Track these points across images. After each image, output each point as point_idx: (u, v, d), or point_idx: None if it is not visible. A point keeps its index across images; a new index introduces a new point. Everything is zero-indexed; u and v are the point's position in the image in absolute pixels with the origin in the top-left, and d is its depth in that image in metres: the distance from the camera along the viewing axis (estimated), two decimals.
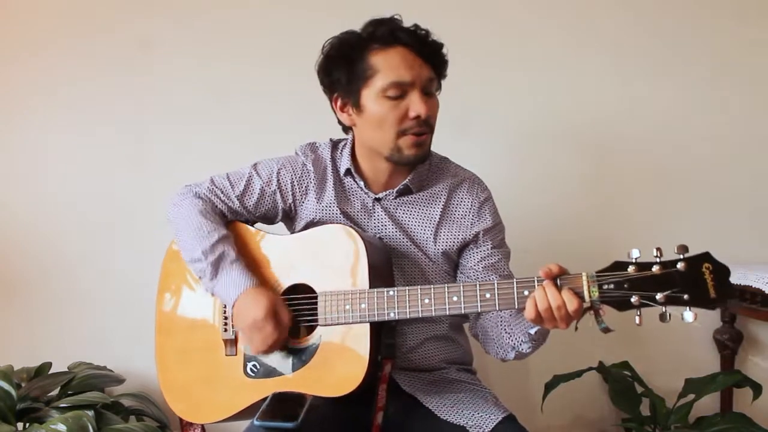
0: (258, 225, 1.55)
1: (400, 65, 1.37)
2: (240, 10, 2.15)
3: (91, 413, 1.69)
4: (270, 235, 1.49)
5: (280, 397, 1.34)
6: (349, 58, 1.41)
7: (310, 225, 1.50)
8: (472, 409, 1.39)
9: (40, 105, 2.15)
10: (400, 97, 1.38)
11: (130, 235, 2.13)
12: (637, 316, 1.15)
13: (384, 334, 1.35)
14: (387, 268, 1.42)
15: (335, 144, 1.56)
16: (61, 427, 1.58)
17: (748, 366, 2.16)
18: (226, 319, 1.44)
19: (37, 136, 2.15)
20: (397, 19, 1.42)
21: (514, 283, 1.23)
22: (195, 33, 2.15)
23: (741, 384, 1.97)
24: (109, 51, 2.14)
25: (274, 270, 1.44)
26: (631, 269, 1.14)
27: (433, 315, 1.29)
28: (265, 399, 1.34)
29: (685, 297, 1.11)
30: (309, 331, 1.38)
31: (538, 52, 2.17)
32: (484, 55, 2.15)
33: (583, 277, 1.17)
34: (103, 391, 1.93)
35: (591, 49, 2.18)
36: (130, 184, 2.14)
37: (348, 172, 1.50)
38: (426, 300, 1.28)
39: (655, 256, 1.13)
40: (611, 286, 1.15)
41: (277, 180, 1.51)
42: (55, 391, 1.88)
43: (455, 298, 1.26)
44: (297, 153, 1.55)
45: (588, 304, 1.17)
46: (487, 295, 1.24)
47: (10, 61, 2.14)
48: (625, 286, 1.14)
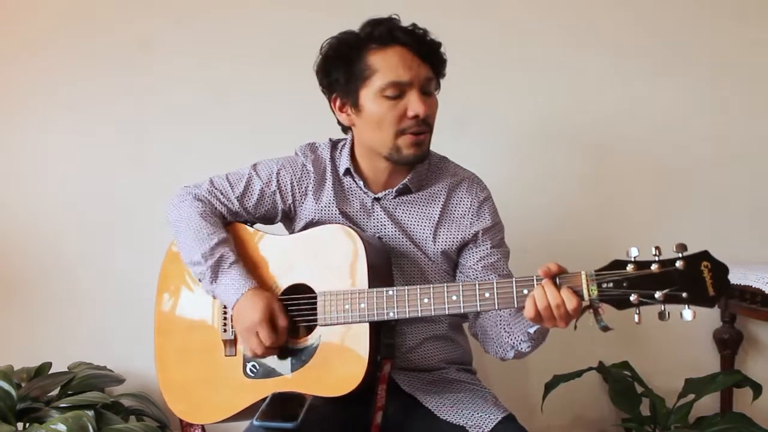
0: (257, 225, 1.55)
1: (399, 65, 1.37)
2: (240, 10, 2.15)
3: (91, 413, 1.69)
4: (269, 236, 1.49)
5: (279, 398, 1.34)
6: (348, 59, 1.41)
7: (309, 225, 1.49)
8: (472, 409, 1.39)
9: (40, 105, 2.15)
10: (398, 96, 1.38)
11: (130, 235, 2.13)
12: (636, 314, 1.15)
13: (383, 334, 1.35)
14: (386, 268, 1.42)
15: (334, 144, 1.56)
16: (61, 427, 1.58)
17: (748, 366, 2.15)
18: (226, 319, 1.44)
19: (37, 136, 2.15)
20: (395, 18, 1.42)
21: (513, 282, 1.23)
22: (195, 33, 2.14)
23: (741, 384, 1.97)
24: (109, 51, 2.14)
25: (273, 270, 1.44)
26: (629, 268, 1.14)
27: (433, 314, 1.29)
28: (265, 399, 1.34)
29: (684, 295, 1.12)
30: (308, 331, 1.38)
31: (538, 52, 2.17)
32: (484, 55, 2.15)
33: (582, 276, 1.17)
34: (103, 391, 1.93)
35: (591, 49, 2.18)
36: (130, 184, 2.14)
37: (347, 172, 1.50)
38: (425, 299, 1.29)
39: (654, 255, 1.13)
40: (610, 284, 1.15)
41: (277, 181, 1.51)
42: (55, 391, 1.88)
43: (454, 298, 1.27)
44: (297, 153, 1.55)
45: (587, 303, 1.18)
46: (487, 294, 1.24)
47: (10, 61, 2.14)
48: (624, 284, 1.14)
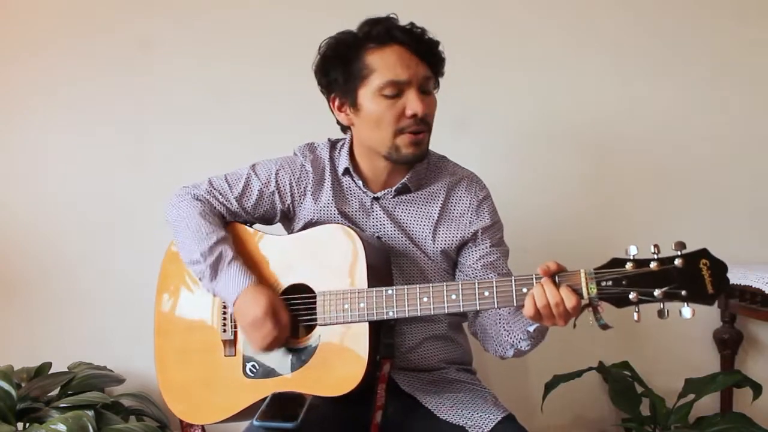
0: (256, 226, 1.55)
1: (397, 64, 1.37)
2: (240, 10, 2.15)
3: (91, 413, 1.69)
4: (268, 236, 1.49)
5: (279, 398, 1.34)
6: (346, 58, 1.41)
7: (308, 225, 1.49)
8: (472, 409, 1.39)
9: (40, 105, 2.15)
10: (396, 95, 1.38)
11: (130, 235, 2.13)
12: (636, 312, 1.15)
13: (383, 334, 1.35)
14: (385, 267, 1.42)
15: (333, 144, 1.56)
16: (61, 427, 1.58)
17: (748, 366, 2.15)
18: (225, 319, 1.44)
19: (37, 136, 2.15)
20: (393, 18, 1.42)
21: (513, 280, 1.23)
22: (195, 33, 2.15)
23: (741, 384, 1.97)
24: (109, 51, 2.14)
25: (272, 270, 1.44)
26: (628, 266, 1.14)
27: (432, 313, 1.29)
28: (265, 399, 1.33)
29: (683, 293, 1.12)
30: (308, 331, 1.38)
31: (538, 52, 2.17)
32: (484, 55, 2.15)
33: (582, 274, 1.17)
34: (103, 391, 1.93)
35: (591, 49, 2.18)
36: (130, 184, 2.14)
37: (346, 172, 1.50)
38: (425, 298, 1.29)
39: (653, 253, 1.13)
40: (609, 282, 1.15)
41: (276, 181, 1.51)
42: (55, 391, 1.88)
43: (454, 297, 1.27)
44: (295, 153, 1.55)
45: (586, 301, 1.18)
46: (486, 293, 1.24)
47: (10, 61, 2.14)
48: (623, 282, 1.14)
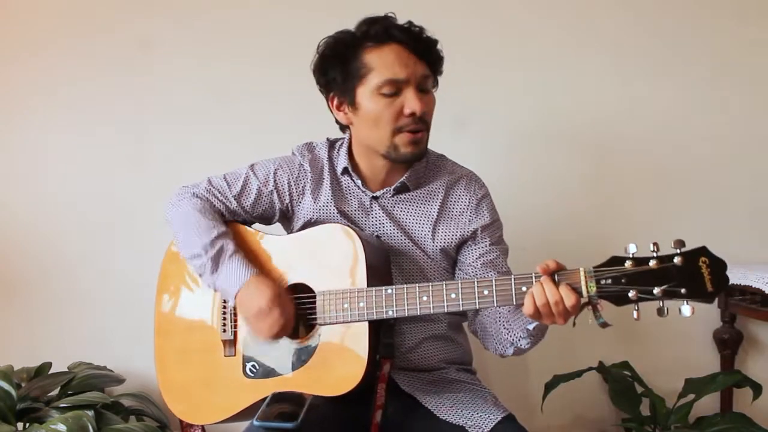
0: (255, 225, 1.55)
1: (395, 62, 1.37)
2: (240, 10, 2.15)
3: (91, 413, 1.69)
4: (268, 236, 1.49)
5: (279, 397, 1.34)
6: (344, 57, 1.41)
7: (307, 225, 1.50)
8: (472, 409, 1.39)
9: (40, 105, 2.15)
10: (395, 94, 1.38)
11: (130, 235, 2.13)
12: (635, 310, 1.15)
13: (383, 333, 1.36)
14: (385, 266, 1.42)
15: (332, 143, 1.57)
16: (61, 427, 1.58)
17: (748, 366, 2.16)
18: (225, 319, 1.44)
19: (37, 136, 2.15)
20: (391, 17, 1.42)
21: (512, 279, 1.23)
22: (195, 33, 2.14)
23: (741, 384, 1.97)
24: (109, 51, 2.14)
25: (272, 270, 1.44)
26: (628, 264, 1.14)
27: (432, 312, 1.29)
28: (265, 399, 1.34)
29: (683, 291, 1.12)
30: (308, 330, 1.38)
31: (538, 51, 2.17)
32: (485, 55, 2.15)
33: (581, 273, 1.17)
34: (103, 391, 1.93)
35: (591, 49, 2.18)
36: (130, 184, 2.14)
37: (345, 171, 1.51)
38: (424, 297, 1.29)
39: (652, 251, 1.13)
40: (609, 281, 1.15)
41: (274, 180, 1.52)
42: (55, 391, 1.88)
43: (453, 295, 1.27)
44: (294, 153, 1.56)
45: (586, 300, 1.18)
46: (485, 291, 1.24)
47: (10, 61, 2.14)
48: (622, 280, 1.14)
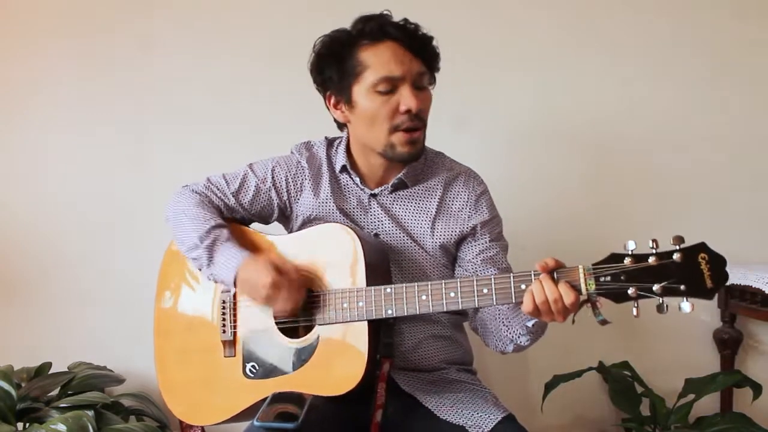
0: (254, 225, 1.56)
1: (390, 60, 1.38)
2: (240, 10, 2.15)
3: (91, 413, 1.69)
4: (267, 235, 1.49)
5: (279, 398, 1.33)
6: (340, 56, 1.42)
7: (306, 221, 1.50)
8: (472, 409, 1.39)
9: (40, 105, 2.15)
10: (390, 91, 1.39)
11: (130, 235, 2.13)
12: (635, 308, 1.15)
13: (382, 333, 1.36)
14: (384, 265, 1.42)
15: (330, 142, 1.57)
16: (61, 427, 1.58)
17: (748, 366, 2.15)
18: (225, 320, 1.44)
19: (37, 136, 2.15)
20: (387, 14, 1.43)
21: (511, 277, 1.23)
22: (195, 33, 2.15)
23: (741, 384, 1.97)
24: (109, 51, 2.14)
25: None
26: (627, 261, 1.14)
27: (431, 311, 1.29)
28: (265, 400, 1.33)
29: (682, 288, 1.11)
30: (307, 330, 1.38)
31: (538, 51, 2.17)
32: (485, 55, 2.15)
33: (580, 270, 1.17)
34: (103, 391, 1.93)
35: (591, 49, 2.18)
36: (130, 184, 2.14)
37: (344, 169, 1.51)
38: (423, 296, 1.29)
39: (651, 248, 1.13)
40: (608, 278, 1.15)
41: (272, 177, 1.52)
42: (55, 391, 1.88)
43: (452, 294, 1.27)
44: (292, 152, 1.57)
45: (585, 297, 1.18)
46: (485, 290, 1.24)
47: (10, 61, 2.14)
48: (621, 278, 1.14)
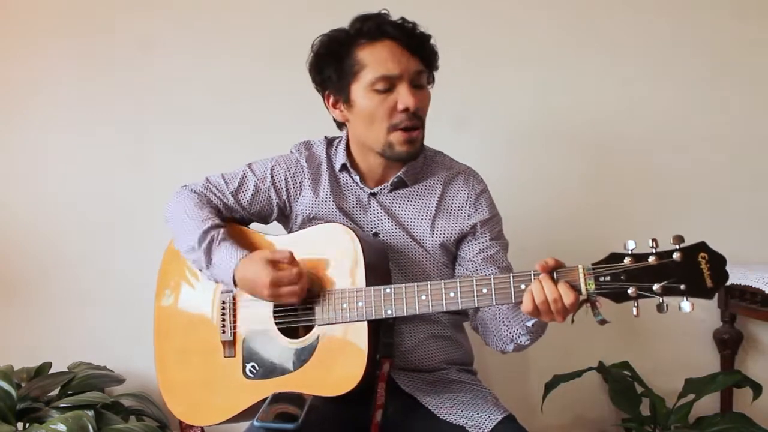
0: (253, 225, 1.56)
1: (388, 59, 1.38)
2: (240, 10, 2.15)
3: (91, 413, 1.69)
4: (266, 236, 1.49)
5: (279, 398, 1.33)
6: (338, 55, 1.42)
7: (306, 221, 1.51)
8: (472, 409, 1.39)
9: (40, 105, 2.15)
10: (388, 90, 1.39)
11: (130, 235, 2.13)
12: (635, 307, 1.15)
13: (382, 333, 1.35)
14: (384, 266, 1.42)
15: (330, 141, 1.57)
16: (61, 427, 1.58)
17: (748, 366, 2.15)
18: (224, 320, 1.44)
19: (37, 136, 2.15)
20: (385, 13, 1.43)
21: (511, 277, 1.23)
22: (195, 33, 2.14)
23: (741, 384, 1.97)
24: (109, 51, 2.14)
25: None
26: (627, 261, 1.14)
27: (431, 311, 1.29)
28: (265, 400, 1.33)
29: (682, 287, 1.11)
30: (307, 330, 1.38)
31: (539, 51, 2.17)
32: (485, 55, 2.15)
33: (580, 270, 1.17)
34: (103, 391, 1.93)
35: (591, 49, 2.18)
36: (130, 184, 2.14)
37: (344, 168, 1.51)
38: (423, 297, 1.28)
39: (651, 247, 1.13)
40: (608, 278, 1.15)
41: (271, 176, 1.52)
42: (55, 391, 1.88)
43: (452, 294, 1.26)
44: (291, 151, 1.57)
45: (584, 297, 1.17)
46: (484, 290, 1.24)
47: (10, 61, 2.14)
48: (621, 277, 1.14)
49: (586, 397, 2.18)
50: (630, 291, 1.13)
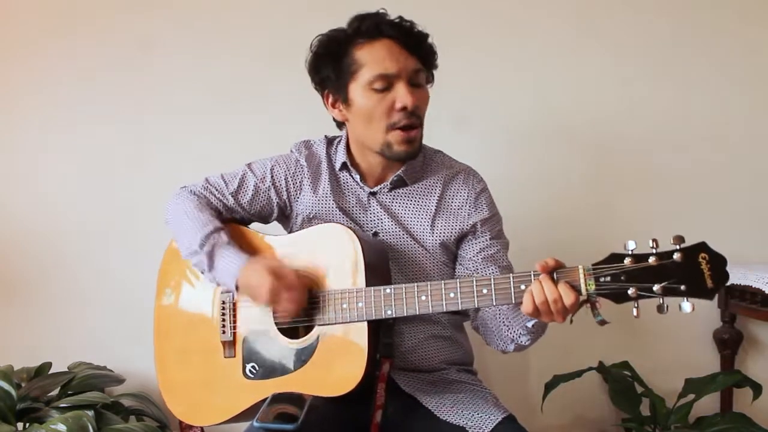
0: (253, 225, 1.56)
1: (385, 57, 1.38)
2: (240, 10, 2.15)
3: (91, 413, 1.69)
4: (266, 236, 1.49)
5: (279, 398, 1.33)
6: (336, 54, 1.42)
7: (306, 220, 1.50)
8: (472, 409, 1.39)
9: (40, 104, 2.15)
10: (386, 89, 1.39)
11: (130, 235, 2.13)
12: (635, 308, 1.15)
13: (382, 333, 1.36)
14: (384, 266, 1.42)
15: (330, 140, 1.57)
16: (61, 427, 1.58)
17: (748, 366, 2.15)
18: (224, 320, 1.44)
19: (37, 135, 2.15)
20: (382, 12, 1.43)
21: (511, 278, 1.23)
22: (195, 33, 2.14)
23: (741, 384, 1.97)
24: (109, 51, 2.14)
25: None
26: (627, 261, 1.13)
27: (431, 312, 1.29)
28: (265, 400, 1.33)
29: (683, 288, 1.11)
30: (307, 331, 1.38)
31: (539, 51, 2.17)
32: (485, 54, 2.15)
33: (580, 270, 1.17)
34: (103, 391, 1.93)
35: (591, 49, 2.18)
36: (130, 184, 2.14)
37: (344, 166, 1.51)
38: (423, 297, 1.28)
39: (651, 247, 1.13)
40: (608, 278, 1.15)
41: (271, 176, 1.52)
42: (55, 391, 1.89)
43: (452, 295, 1.26)
44: (291, 150, 1.57)
45: (584, 297, 1.17)
46: (484, 290, 1.24)
47: (10, 60, 2.14)
48: (621, 278, 1.14)
49: (586, 397, 2.18)
50: (630, 291, 1.13)
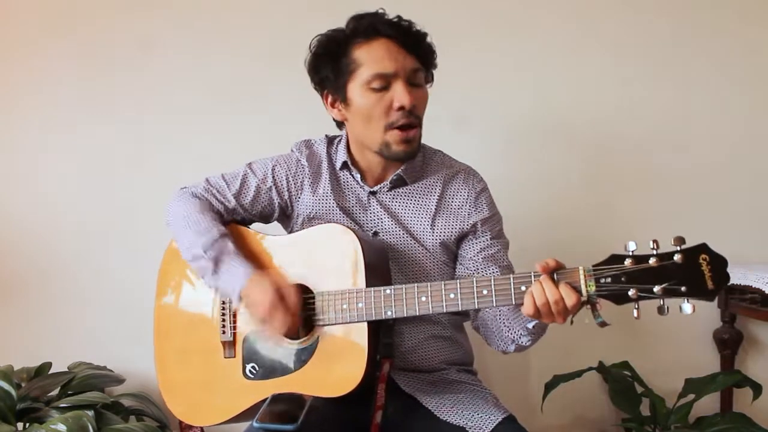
0: (254, 225, 1.55)
1: (383, 57, 1.38)
2: (240, 10, 2.15)
3: (91, 413, 1.69)
4: (267, 236, 1.49)
5: (279, 399, 1.33)
6: (335, 54, 1.42)
7: (306, 220, 1.50)
8: (472, 409, 1.39)
9: (40, 105, 2.15)
10: (384, 88, 1.39)
11: (129, 235, 2.13)
12: (635, 309, 1.15)
13: (382, 334, 1.36)
14: (384, 266, 1.42)
15: (331, 140, 1.57)
16: (61, 427, 1.58)
17: (748, 366, 2.16)
18: (224, 321, 1.44)
19: (37, 135, 2.15)
20: (381, 12, 1.43)
21: (511, 278, 1.23)
22: (195, 33, 2.14)
23: (741, 384, 1.97)
24: (109, 51, 2.14)
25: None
26: (627, 262, 1.14)
27: (431, 312, 1.29)
28: (265, 401, 1.33)
29: (683, 289, 1.11)
30: (307, 331, 1.38)
31: (538, 50, 2.17)
32: (485, 54, 2.15)
33: (580, 272, 1.17)
34: (103, 391, 1.93)
35: (591, 49, 2.18)
36: (130, 184, 2.14)
37: (344, 166, 1.51)
38: (423, 298, 1.28)
39: (652, 249, 1.13)
40: (608, 279, 1.15)
41: (273, 177, 1.52)
42: (55, 391, 1.89)
43: (452, 296, 1.26)
44: (292, 150, 1.57)
45: (585, 299, 1.17)
46: (485, 291, 1.24)
47: (11, 60, 2.14)
48: (622, 279, 1.14)
49: (586, 397, 2.18)
50: (631, 293, 1.13)
